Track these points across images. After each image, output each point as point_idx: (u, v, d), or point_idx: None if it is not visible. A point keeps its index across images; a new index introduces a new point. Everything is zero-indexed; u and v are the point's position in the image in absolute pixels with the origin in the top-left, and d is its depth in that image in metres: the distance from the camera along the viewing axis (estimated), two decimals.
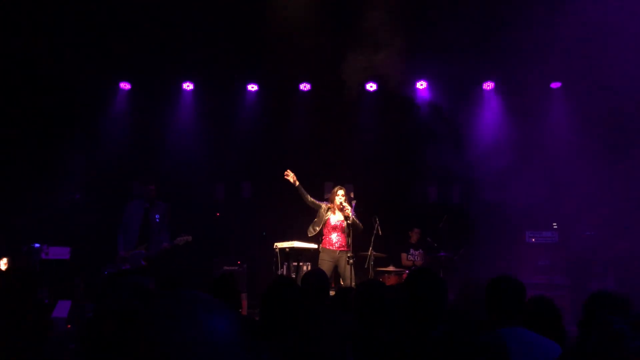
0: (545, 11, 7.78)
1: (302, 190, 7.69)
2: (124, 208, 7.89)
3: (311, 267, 8.63)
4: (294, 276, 8.04)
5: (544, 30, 7.80)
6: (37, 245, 7.92)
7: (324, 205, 7.80)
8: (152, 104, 10.39)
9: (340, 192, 7.74)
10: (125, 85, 10.40)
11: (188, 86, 10.52)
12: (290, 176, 7.62)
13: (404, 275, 8.34)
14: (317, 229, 7.72)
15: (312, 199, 7.77)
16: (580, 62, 8.49)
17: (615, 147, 8.55)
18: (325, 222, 7.73)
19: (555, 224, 9.15)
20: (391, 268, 8.72)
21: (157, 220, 7.69)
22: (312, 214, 7.88)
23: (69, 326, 6.80)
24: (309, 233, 7.78)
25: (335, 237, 7.70)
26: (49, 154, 9.54)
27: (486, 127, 10.00)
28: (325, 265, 7.52)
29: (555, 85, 10.05)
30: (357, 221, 7.66)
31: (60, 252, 8.21)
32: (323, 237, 7.76)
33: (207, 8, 8.76)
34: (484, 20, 8.12)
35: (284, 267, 7.95)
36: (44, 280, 7.50)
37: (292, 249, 7.78)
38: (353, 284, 7.20)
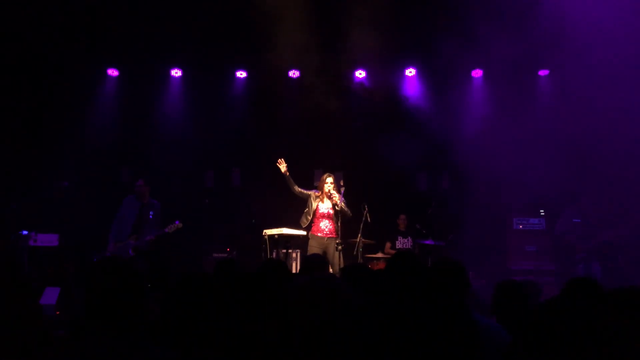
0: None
1: (291, 180, 7.71)
2: (122, 201, 7.93)
3: (300, 254, 8.67)
4: None
5: (529, 18, 7.83)
6: (25, 232, 7.90)
7: (312, 193, 7.83)
8: (141, 91, 10.33)
9: (329, 179, 7.77)
10: (113, 72, 10.33)
11: (176, 73, 10.46)
12: (283, 165, 7.65)
13: None
14: (310, 218, 7.76)
15: (299, 189, 7.79)
16: (568, 49, 8.52)
17: (603, 135, 8.60)
18: (315, 210, 7.76)
19: (542, 211, 9.23)
20: (380, 255, 8.79)
21: (151, 216, 7.74)
22: (301, 201, 7.91)
23: (58, 313, 6.81)
24: (302, 224, 7.81)
25: (324, 224, 7.74)
26: (37, 141, 9.48)
27: (475, 115, 10.03)
28: (313, 252, 7.55)
29: (543, 72, 10.11)
30: (346, 208, 7.69)
31: (48, 239, 8.19)
32: (312, 224, 7.79)
33: None
34: (471, 10, 8.11)
35: (273, 254, 7.99)
36: (32, 267, 7.51)
37: (281, 236, 7.83)
38: None
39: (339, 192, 7.69)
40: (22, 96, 9.47)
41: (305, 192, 7.83)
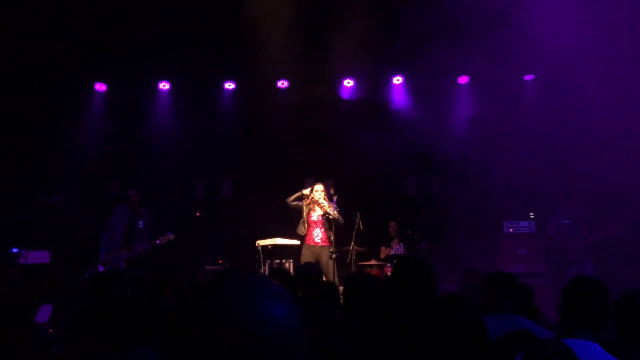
0: (517, 6, 7.89)
1: (297, 196, 7.82)
2: (111, 211, 7.88)
3: (293, 264, 8.66)
4: None
5: (516, 25, 7.91)
6: (15, 250, 7.82)
7: (303, 202, 7.89)
8: (129, 105, 10.29)
9: (319, 187, 7.81)
10: (100, 87, 10.28)
11: (164, 86, 10.43)
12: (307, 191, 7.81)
13: (386, 269, 8.42)
14: (306, 226, 7.80)
15: (294, 203, 7.86)
16: (552, 54, 8.62)
17: (591, 136, 8.69)
18: (307, 218, 7.81)
19: (532, 214, 9.30)
20: (373, 262, 8.79)
21: (141, 226, 7.70)
22: (294, 211, 7.95)
23: (51, 330, 6.74)
24: (300, 232, 7.85)
25: (315, 233, 7.76)
26: (25, 157, 9.41)
27: (463, 120, 10.11)
28: (306, 261, 7.56)
29: (528, 77, 10.22)
30: (338, 216, 7.71)
31: (39, 257, 8.10)
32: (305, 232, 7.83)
33: (182, 6, 8.71)
34: (458, 16, 8.20)
35: (267, 264, 7.98)
36: (24, 285, 7.43)
37: (274, 246, 7.82)
38: (336, 279, 7.26)
39: (331, 200, 7.73)
40: (9, 112, 9.40)
41: (298, 203, 7.89)
